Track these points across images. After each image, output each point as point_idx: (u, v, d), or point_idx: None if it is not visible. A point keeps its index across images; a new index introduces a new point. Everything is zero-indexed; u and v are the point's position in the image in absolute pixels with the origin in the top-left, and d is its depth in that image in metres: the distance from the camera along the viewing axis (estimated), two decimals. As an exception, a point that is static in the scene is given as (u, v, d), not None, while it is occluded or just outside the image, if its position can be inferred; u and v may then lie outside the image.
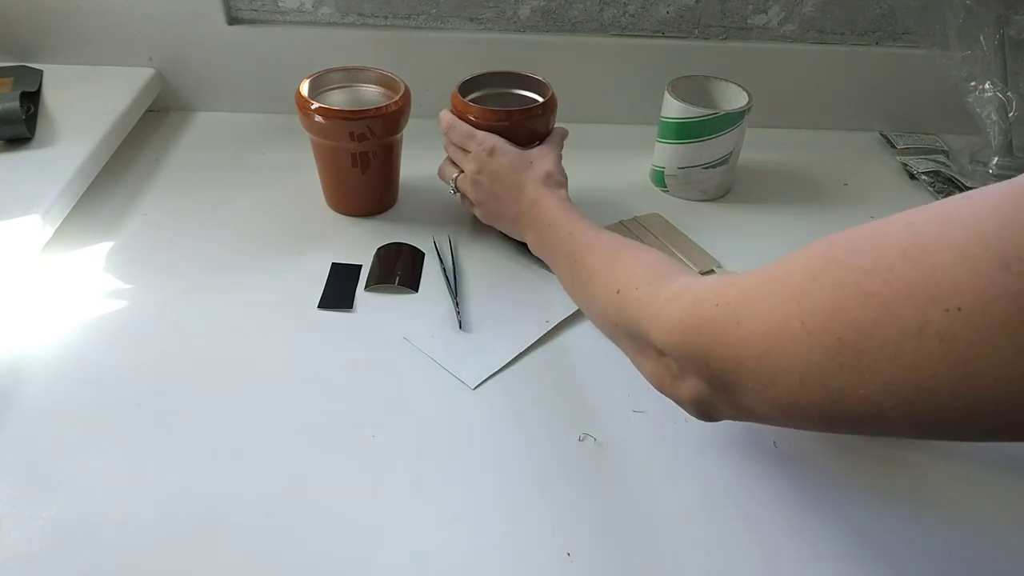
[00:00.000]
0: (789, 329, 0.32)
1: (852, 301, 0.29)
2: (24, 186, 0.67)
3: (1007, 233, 0.25)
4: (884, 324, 0.28)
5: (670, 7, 0.88)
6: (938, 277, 0.27)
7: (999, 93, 0.80)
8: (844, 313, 0.30)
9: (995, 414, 0.27)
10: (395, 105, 0.69)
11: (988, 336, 0.25)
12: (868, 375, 0.29)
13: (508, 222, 0.66)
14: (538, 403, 0.57)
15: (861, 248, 0.30)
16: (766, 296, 0.34)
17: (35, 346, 0.59)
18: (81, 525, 0.46)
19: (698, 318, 0.38)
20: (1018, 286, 0.25)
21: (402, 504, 0.49)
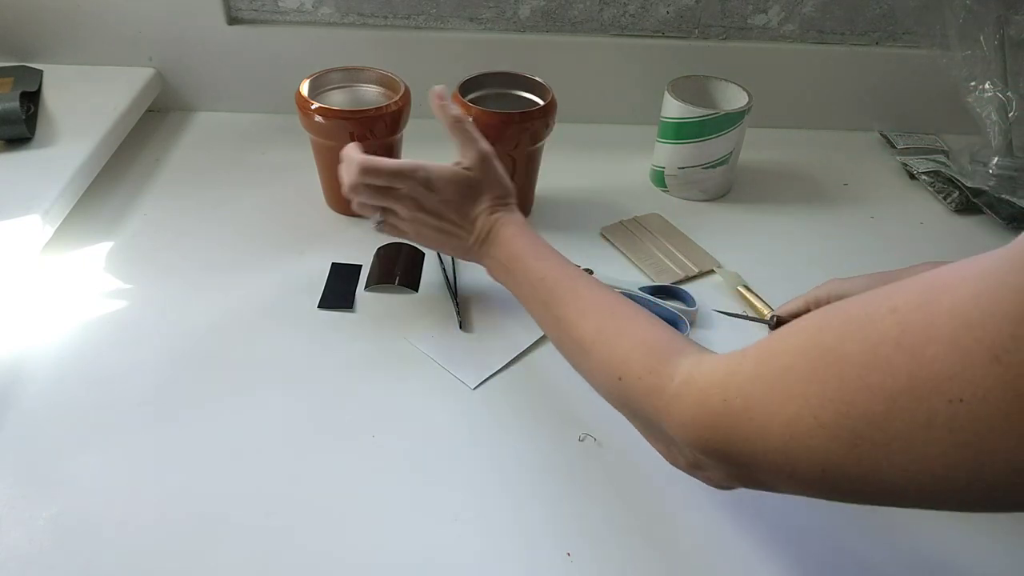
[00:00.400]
0: (803, 424, 0.32)
1: (859, 395, 0.30)
2: (24, 186, 0.67)
3: (991, 324, 0.26)
4: (894, 417, 0.29)
5: (670, 7, 0.88)
6: (935, 369, 0.28)
7: (999, 93, 0.80)
8: (854, 408, 0.30)
9: (1011, 493, 0.28)
10: (395, 105, 0.69)
11: (993, 424, 0.26)
12: (886, 464, 0.30)
13: (459, 253, 0.60)
14: (538, 403, 0.56)
15: (853, 336, 0.31)
16: (772, 389, 0.34)
17: (35, 346, 0.59)
18: (81, 525, 0.46)
19: (710, 415, 0.37)
20: (1010, 376, 0.26)
21: (402, 504, 0.49)
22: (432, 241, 0.60)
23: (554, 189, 0.79)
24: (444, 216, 0.58)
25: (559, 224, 0.76)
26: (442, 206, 0.57)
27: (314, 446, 0.52)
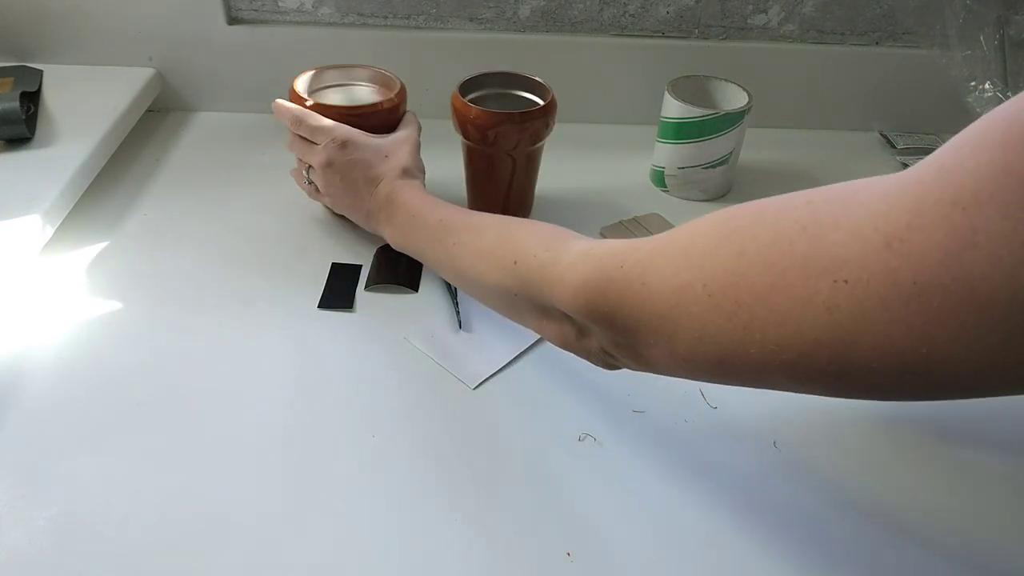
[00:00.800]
0: (692, 292, 0.35)
1: (752, 269, 0.32)
2: (24, 186, 0.67)
3: (894, 215, 0.28)
4: (778, 291, 0.31)
5: (670, 7, 0.88)
6: (832, 252, 0.30)
7: (999, 93, 0.80)
8: (744, 279, 0.32)
9: (865, 378, 0.30)
10: (390, 103, 0.69)
11: (868, 307, 0.28)
12: (759, 336, 0.32)
13: (361, 216, 0.64)
14: (538, 403, 0.57)
15: (764, 222, 0.33)
16: (671, 260, 0.37)
17: (35, 346, 0.59)
18: (81, 525, 0.46)
19: (604, 280, 0.40)
20: (896, 262, 0.27)
21: (402, 504, 0.49)
22: (338, 200, 0.65)
23: (554, 189, 0.79)
24: (350, 175, 0.62)
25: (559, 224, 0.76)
26: (351, 166, 0.62)
27: (314, 446, 0.52)
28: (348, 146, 0.62)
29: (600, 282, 0.40)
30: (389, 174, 0.62)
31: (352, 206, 0.64)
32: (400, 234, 0.61)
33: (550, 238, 0.48)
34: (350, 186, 0.63)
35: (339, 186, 0.63)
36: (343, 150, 0.62)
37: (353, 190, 0.63)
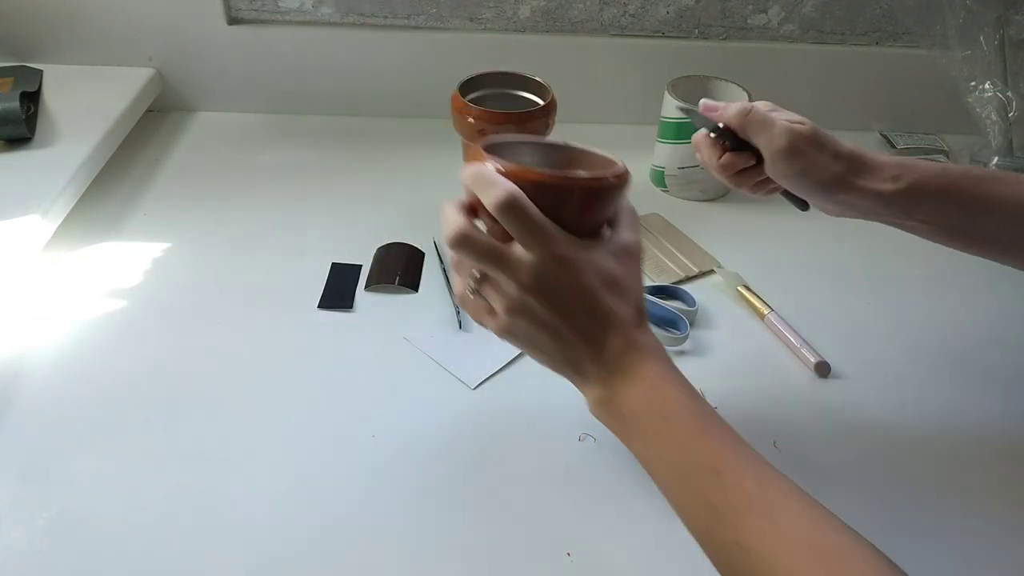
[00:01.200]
0: None
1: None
2: (24, 186, 0.67)
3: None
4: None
5: (670, 7, 0.88)
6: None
7: (999, 93, 0.80)
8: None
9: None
10: (618, 176, 0.45)
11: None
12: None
13: (562, 363, 0.44)
14: (538, 403, 0.56)
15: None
16: None
17: (35, 346, 0.59)
18: (81, 525, 0.46)
19: None
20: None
21: (402, 504, 0.49)
22: (529, 334, 0.43)
23: (554, 189, 0.79)
24: (563, 306, 0.42)
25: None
26: (569, 292, 0.42)
27: (314, 446, 0.52)
28: (571, 266, 0.41)
29: None
30: (622, 317, 0.42)
31: (553, 347, 0.43)
32: (621, 420, 0.42)
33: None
34: (558, 320, 0.42)
35: (542, 316, 0.42)
36: (564, 270, 0.41)
37: (562, 329, 0.42)
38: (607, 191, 0.43)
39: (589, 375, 0.43)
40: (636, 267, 0.45)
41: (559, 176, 0.42)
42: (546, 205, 0.41)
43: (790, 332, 0.62)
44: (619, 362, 0.42)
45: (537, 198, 0.41)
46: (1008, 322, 0.67)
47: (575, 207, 0.43)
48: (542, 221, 0.41)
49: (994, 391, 0.60)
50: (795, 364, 0.61)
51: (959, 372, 0.61)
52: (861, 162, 0.51)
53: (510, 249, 0.41)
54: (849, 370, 0.60)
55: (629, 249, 0.44)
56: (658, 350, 0.43)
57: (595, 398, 0.43)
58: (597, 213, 0.44)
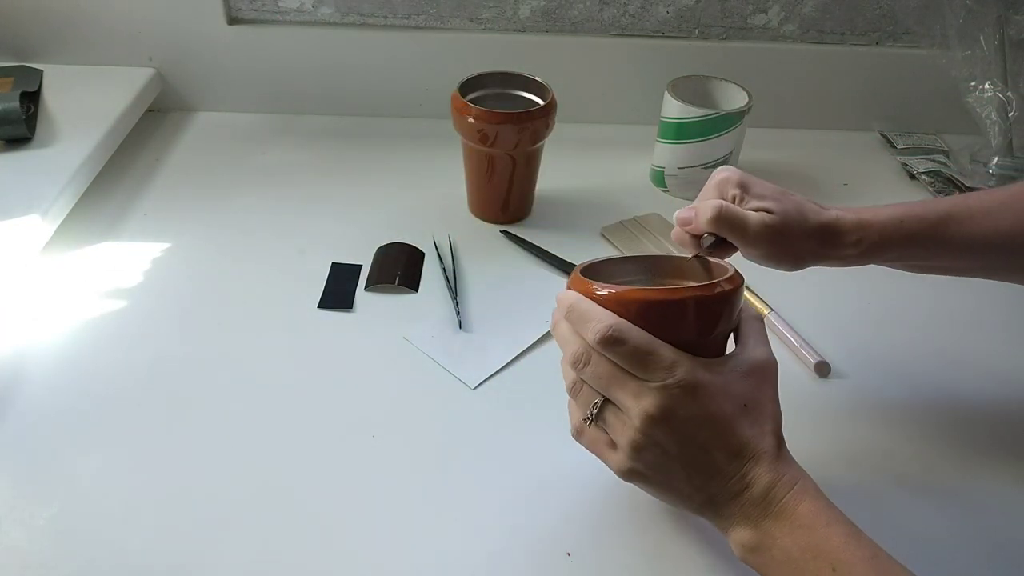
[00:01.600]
0: None
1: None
2: (24, 186, 0.67)
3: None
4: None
5: (670, 7, 0.88)
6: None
7: (999, 93, 0.80)
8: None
9: None
10: (730, 281, 0.42)
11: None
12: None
13: (696, 500, 0.40)
14: (538, 403, 0.56)
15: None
16: None
17: (35, 346, 0.59)
18: (81, 525, 0.46)
19: None
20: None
21: (402, 504, 0.49)
22: (658, 469, 0.40)
23: (554, 189, 0.79)
24: (694, 438, 0.38)
25: (559, 224, 0.76)
26: (699, 422, 0.38)
27: (314, 446, 0.52)
28: (698, 392, 0.38)
29: None
30: (762, 447, 0.39)
31: (685, 482, 0.40)
32: (776, 566, 0.38)
33: None
34: (690, 454, 0.39)
35: (672, 451, 0.39)
36: (691, 398, 0.38)
37: (694, 463, 0.39)
38: (723, 299, 0.40)
39: (733, 516, 0.39)
40: (770, 388, 0.41)
41: (667, 291, 0.39)
42: (659, 326, 0.38)
43: (790, 332, 0.62)
44: (768, 502, 0.38)
45: (648, 320, 0.38)
46: (1008, 322, 0.67)
47: (691, 323, 0.39)
48: (653, 347, 0.38)
49: (995, 390, 0.60)
50: (795, 364, 0.61)
51: (959, 372, 0.61)
52: (830, 232, 0.49)
53: (634, 376, 0.38)
54: (849, 370, 0.60)
55: (760, 367, 0.41)
56: (808, 483, 0.39)
57: (744, 543, 0.38)
58: (717, 326, 0.40)
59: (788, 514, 0.37)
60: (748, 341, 0.42)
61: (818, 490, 0.39)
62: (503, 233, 0.74)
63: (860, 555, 0.36)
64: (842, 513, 0.38)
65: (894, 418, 0.57)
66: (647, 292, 0.39)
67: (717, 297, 0.39)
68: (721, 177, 0.50)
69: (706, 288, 0.39)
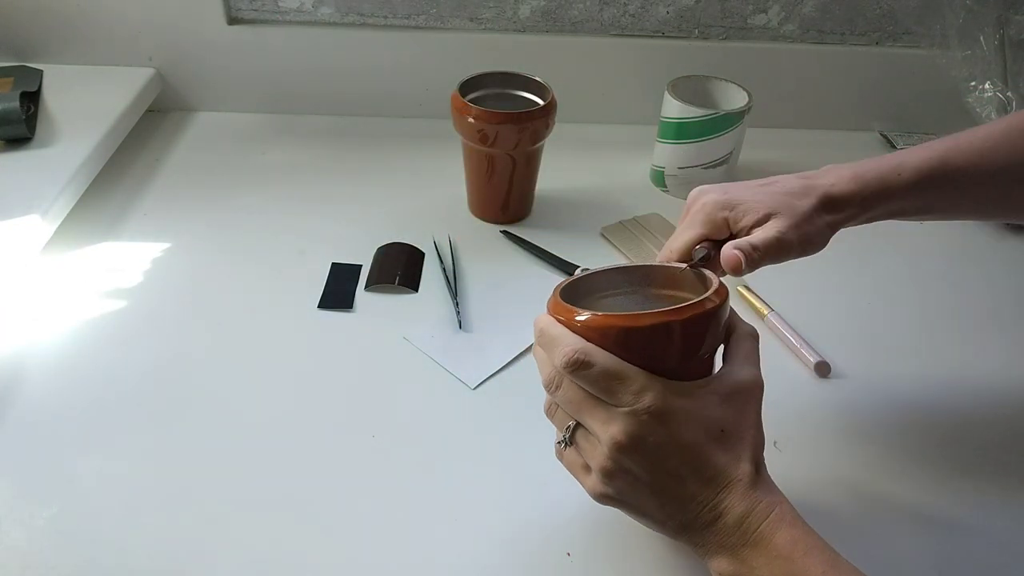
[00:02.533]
0: None
1: None
2: (24, 186, 0.67)
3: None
4: None
5: (670, 7, 0.88)
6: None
7: (999, 93, 0.80)
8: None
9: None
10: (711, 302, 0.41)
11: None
12: None
13: (671, 525, 0.39)
14: (538, 403, 0.56)
15: None
16: None
17: (35, 346, 0.59)
18: (81, 525, 0.46)
19: None
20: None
21: (402, 504, 0.49)
22: (630, 494, 0.39)
23: (554, 189, 0.79)
24: (662, 465, 0.37)
25: (559, 224, 0.76)
26: (669, 450, 0.37)
27: (314, 446, 0.52)
28: (667, 418, 0.37)
29: None
30: (735, 475, 0.38)
31: (657, 509, 0.39)
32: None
33: None
34: (661, 481, 0.38)
35: (642, 478, 0.38)
36: (660, 424, 0.37)
37: (665, 491, 0.38)
38: (708, 317, 0.38)
39: (709, 544, 0.38)
40: (752, 412, 0.39)
41: (651, 315, 0.37)
42: (639, 353, 0.37)
43: (790, 332, 0.62)
44: (744, 532, 0.37)
45: (626, 347, 0.37)
46: (1008, 321, 0.67)
47: (675, 346, 0.38)
48: (622, 372, 0.37)
49: (995, 390, 0.60)
50: (795, 364, 0.61)
51: (959, 372, 0.61)
52: (830, 203, 0.48)
53: (603, 402, 0.38)
54: (849, 370, 0.60)
55: (742, 390, 0.39)
56: (786, 510, 0.37)
57: (721, 572, 0.38)
58: (703, 345, 0.39)
59: (765, 543, 0.36)
60: (735, 360, 0.40)
61: (796, 517, 0.37)
62: (503, 233, 0.74)
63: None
64: (821, 540, 0.37)
65: (894, 418, 0.57)
66: (627, 318, 0.37)
67: (701, 316, 0.38)
68: (703, 201, 0.48)
69: (689, 308, 0.38)
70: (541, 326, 0.40)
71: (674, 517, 0.39)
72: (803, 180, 0.50)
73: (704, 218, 0.47)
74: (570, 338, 0.38)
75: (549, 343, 0.39)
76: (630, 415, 0.37)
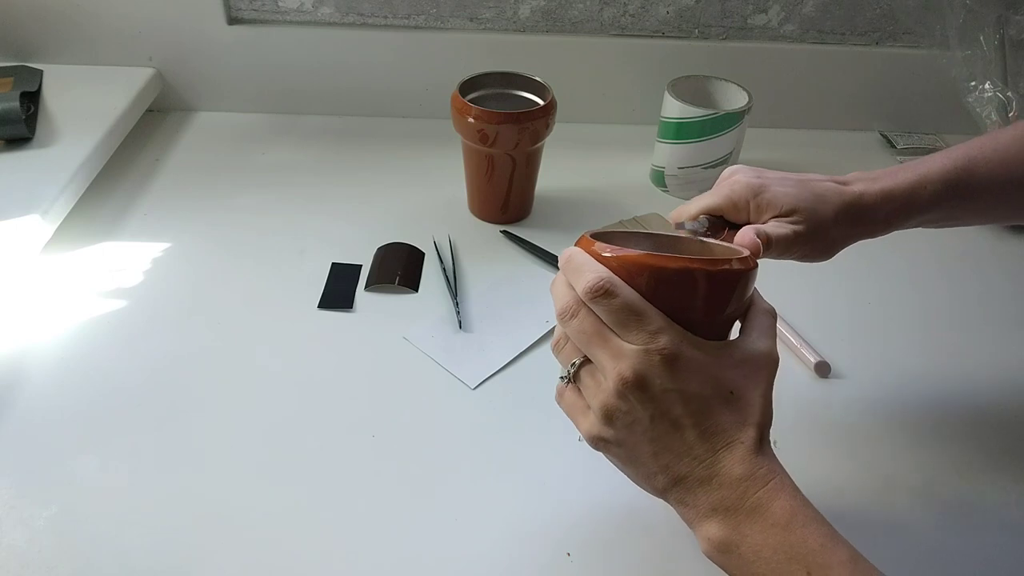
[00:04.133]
0: None
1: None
2: (24, 186, 0.67)
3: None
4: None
5: (670, 7, 0.88)
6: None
7: (999, 93, 0.80)
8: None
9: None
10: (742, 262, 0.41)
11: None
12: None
13: (660, 480, 0.38)
14: (538, 403, 0.56)
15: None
16: None
17: (35, 346, 0.59)
18: (81, 525, 0.46)
19: None
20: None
21: (402, 504, 0.49)
22: (627, 440, 0.38)
23: (554, 189, 0.79)
24: (666, 413, 0.37)
25: (559, 224, 0.76)
26: (675, 398, 0.36)
27: (314, 446, 0.52)
28: (679, 364, 0.36)
29: None
30: (740, 438, 0.36)
31: (651, 457, 0.38)
32: (744, 564, 0.35)
33: None
34: (660, 428, 0.37)
35: (641, 421, 0.37)
36: (670, 369, 0.36)
37: (663, 438, 0.37)
38: (736, 278, 0.38)
39: (699, 507, 0.37)
40: (763, 383, 0.38)
41: (676, 259, 0.36)
42: (663, 298, 0.36)
43: (790, 332, 0.62)
44: (740, 496, 0.35)
45: (652, 289, 0.36)
46: (1009, 321, 0.67)
47: (699, 299, 0.37)
48: (643, 308, 0.36)
49: (995, 390, 0.60)
50: (795, 364, 0.61)
51: (959, 372, 0.61)
52: (856, 210, 0.48)
53: (617, 335, 0.37)
54: (849, 370, 0.60)
55: (755, 359, 0.38)
56: (786, 480, 0.36)
57: (711, 538, 0.36)
58: (727, 307, 0.38)
59: (762, 511, 0.35)
60: (752, 333, 0.39)
61: (795, 488, 0.36)
62: (503, 233, 0.74)
63: (838, 559, 0.34)
64: (820, 514, 0.36)
65: (894, 418, 0.57)
66: (658, 259, 0.36)
67: (731, 274, 0.37)
68: (736, 179, 0.49)
69: (719, 263, 0.37)
70: (569, 254, 0.39)
71: (668, 470, 0.37)
72: (835, 183, 0.50)
73: (729, 194, 0.48)
74: (597, 266, 0.37)
75: (575, 270, 0.38)
76: (642, 352, 0.36)
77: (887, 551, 0.47)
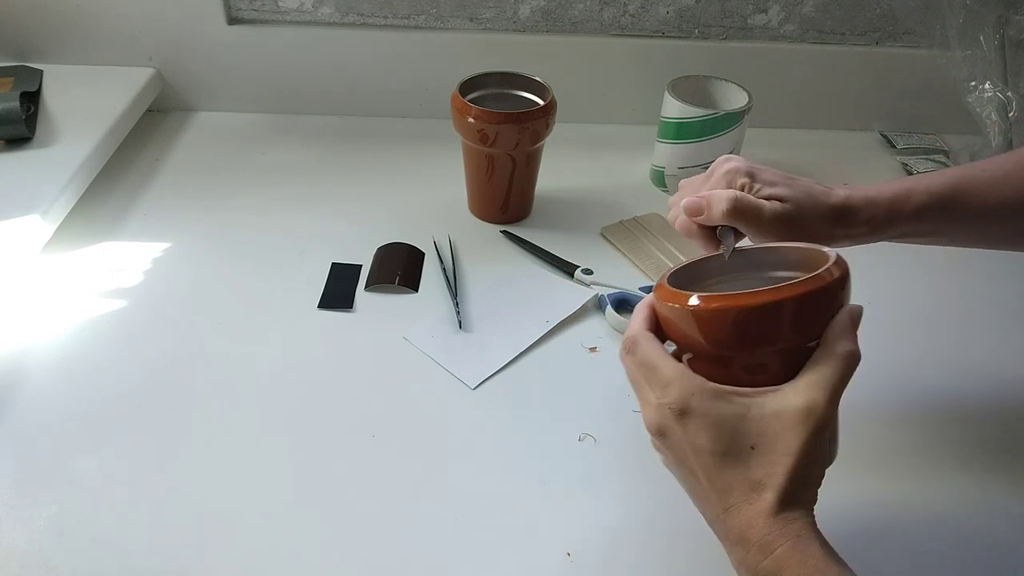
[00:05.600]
0: None
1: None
2: (24, 186, 0.67)
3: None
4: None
5: (670, 7, 0.88)
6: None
7: (999, 93, 0.80)
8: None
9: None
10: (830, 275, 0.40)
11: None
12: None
13: (707, 512, 0.40)
14: (538, 403, 0.56)
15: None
16: None
17: (35, 346, 0.59)
18: (81, 525, 0.46)
19: None
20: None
21: (402, 504, 0.49)
22: (674, 472, 0.41)
23: (554, 189, 0.79)
24: (683, 462, 0.39)
25: (559, 224, 0.76)
26: (686, 450, 0.38)
27: (314, 446, 0.52)
28: (687, 419, 0.37)
29: None
30: (751, 499, 0.36)
31: (691, 492, 0.41)
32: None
33: None
34: (685, 474, 0.39)
35: (672, 462, 0.40)
36: (681, 422, 0.37)
37: (687, 482, 0.40)
38: (825, 294, 0.36)
39: (728, 553, 0.38)
40: (795, 439, 0.36)
41: (761, 294, 0.35)
42: (749, 330, 0.36)
43: (790, 332, 0.62)
44: (754, 560, 0.35)
45: (735, 325, 0.35)
46: (1008, 322, 0.67)
47: (788, 325, 0.36)
48: (656, 363, 0.38)
49: (996, 390, 0.60)
50: (795, 364, 0.61)
51: (959, 372, 0.61)
52: (841, 212, 0.49)
53: (647, 386, 0.39)
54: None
55: (788, 414, 0.36)
56: (799, 547, 0.35)
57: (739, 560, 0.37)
58: (816, 326, 0.37)
59: (782, 560, 0.35)
60: (802, 379, 0.37)
61: (816, 554, 0.35)
62: (503, 233, 0.74)
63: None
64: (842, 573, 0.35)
65: (894, 419, 0.57)
66: (737, 299, 0.35)
67: (821, 292, 0.35)
68: (728, 167, 0.51)
69: (809, 284, 0.35)
70: (637, 307, 0.42)
71: (700, 509, 0.40)
72: (823, 186, 0.51)
73: (725, 181, 0.50)
74: (635, 322, 0.41)
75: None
76: (658, 407, 0.38)
77: (888, 550, 0.48)
